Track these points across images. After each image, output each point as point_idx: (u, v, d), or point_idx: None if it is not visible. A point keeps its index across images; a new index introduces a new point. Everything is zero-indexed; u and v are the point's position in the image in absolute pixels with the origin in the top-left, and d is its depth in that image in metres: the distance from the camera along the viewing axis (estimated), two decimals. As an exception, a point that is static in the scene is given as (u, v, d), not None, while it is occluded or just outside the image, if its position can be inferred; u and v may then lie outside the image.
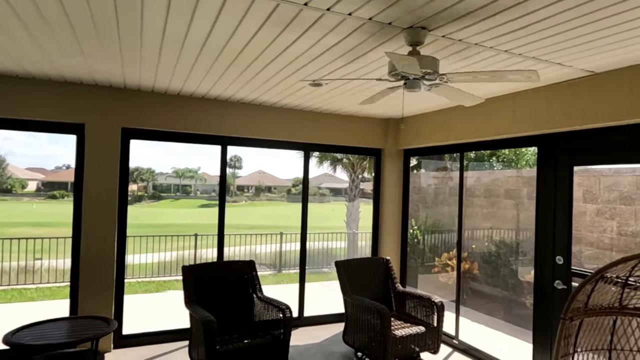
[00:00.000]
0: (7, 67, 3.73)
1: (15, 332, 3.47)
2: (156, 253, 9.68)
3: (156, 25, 2.61)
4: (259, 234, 11.06)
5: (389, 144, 5.76)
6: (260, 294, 4.39)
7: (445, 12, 2.28)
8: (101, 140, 4.34)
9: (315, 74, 3.55)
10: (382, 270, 4.97)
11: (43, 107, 4.13)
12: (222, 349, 3.57)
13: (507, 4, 2.16)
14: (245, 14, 2.40)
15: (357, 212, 12.65)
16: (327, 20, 2.44)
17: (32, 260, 9.16)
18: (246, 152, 62.94)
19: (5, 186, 37.21)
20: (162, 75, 3.78)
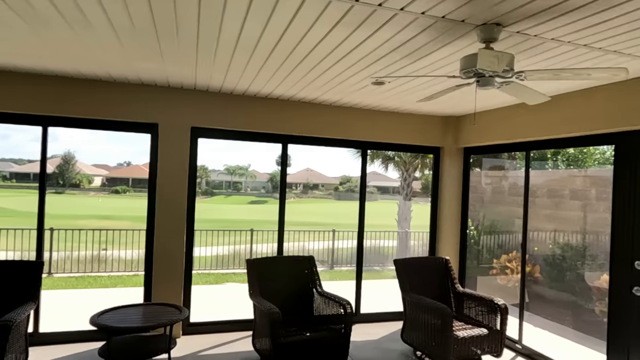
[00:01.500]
0: (93, 72, 4.06)
1: (100, 315, 3.79)
2: (214, 247, 10.09)
3: (233, 30, 2.75)
4: (310, 231, 11.22)
5: (448, 142, 5.66)
6: (320, 289, 4.49)
7: (523, 8, 2.24)
8: (173, 139, 4.62)
9: (380, 72, 3.58)
10: (442, 270, 4.91)
11: (121, 108, 4.46)
12: (285, 340, 3.70)
13: None
14: (319, 16, 2.47)
15: (409, 210, 12.49)
16: (399, 19, 2.47)
17: (99, 250, 9.89)
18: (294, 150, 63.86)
19: (74, 181, 40.13)
20: (231, 76, 3.96)
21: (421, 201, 26.80)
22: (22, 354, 3.50)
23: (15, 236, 8.82)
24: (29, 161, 43.66)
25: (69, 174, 39.10)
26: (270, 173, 47.77)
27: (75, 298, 6.91)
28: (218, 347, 4.48)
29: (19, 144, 56.03)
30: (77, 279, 8.66)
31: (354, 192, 42.01)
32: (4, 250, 8.76)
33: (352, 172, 47.64)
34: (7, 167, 41.90)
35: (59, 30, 2.86)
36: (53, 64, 3.81)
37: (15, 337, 3.24)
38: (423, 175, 19.82)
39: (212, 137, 4.92)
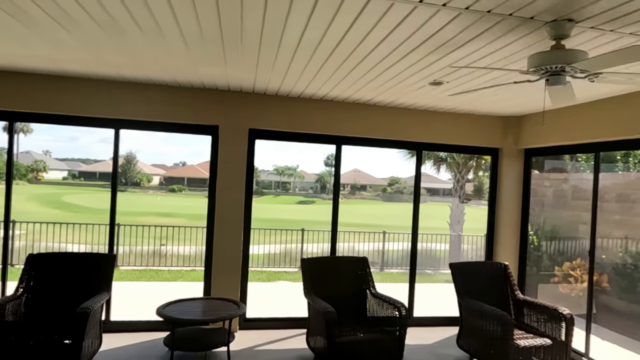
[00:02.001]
0: (161, 78, 4.31)
1: (165, 307, 4.01)
2: (265, 245, 10.34)
3: (294, 35, 2.82)
4: (360, 232, 11.20)
5: (508, 143, 5.45)
6: (374, 290, 4.48)
7: (600, 2, 2.12)
8: (232, 140, 4.80)
9: (439, 72, 3.52)
10: (500, 276, 4.73)
11: (185, 111, 4.69)
12: (340, 340, 3.73)
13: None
14: (381, 17, 2.48)
15: (461, 213, 12.13)
16: (462, 19, 2.42)
17: (159, 245, 10.44)
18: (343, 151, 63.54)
19: (135, 180, 42.58)
20: (289, 79, 4.06)
21: (473, 204, 25.88)
22: (97, 339, 3.78)
23: (87, 231, 9.53)
24: (95, 161, 46.93)
25: (131, 173, 41.52)
26: (318, 173, 48.11)
27: (140, 290, 7.35)
28: (273, 343, 4.60)
29: (86, 145, 60.54)
30: (140, 272, 9.21)
31: (403, 193, 41.34)
32: (76, 243, 9.49)
33: (400, 173, 46.91)
34: (75, 167, 45.23)
35: (135, 40, 3.07)
36: (127, 72, 4.09)
37: (91, 323, 3.51)
38: (476, 177, 19.13)
39: (269, 139, 5.06)
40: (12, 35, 3.13)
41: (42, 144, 63.24)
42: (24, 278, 3.83)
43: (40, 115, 4.49)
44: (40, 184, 37.11)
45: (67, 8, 2.54)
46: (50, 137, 59.95)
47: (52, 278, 3.93)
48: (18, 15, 2.71)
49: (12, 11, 2.64)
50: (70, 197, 30.94)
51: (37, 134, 51.41)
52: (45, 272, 3.92)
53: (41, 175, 38.73)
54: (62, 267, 4.00)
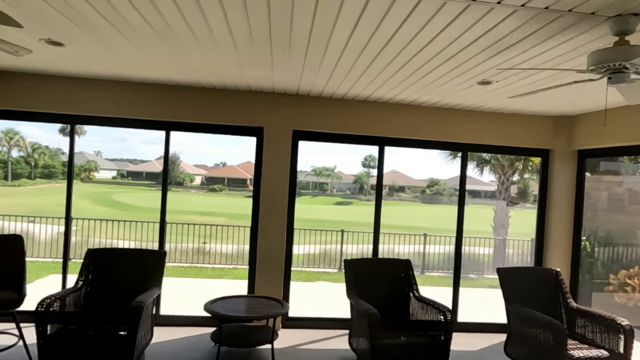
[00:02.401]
0: (209, 81, 4.45)
1: (211, 303, 4.14)
2: (304, 245, 10.43)
3: (342, 36, 2.84)
4: (401, 234, 11.06)
5: (559, 144, 5.22)
6: (418, 293, 4.42)
7: (671, -6, 2.00)
8: (276, 142, 4.88)
9: (489, 71, 3.43)
10: (551, 283, 4.53)
11: (232, 114, 4.82)
12: (384, 342, 3.70)
13: None
14: (432, 17, 2.45)
15: (506, 217, 11.71)
16: (518, 15, 2.35)
17: (200, 244, 10.76)
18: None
19: (178, 180, 44.11)
20: (334, 80, 4.08)
21: (517, 207, 24.88)
22: (149, 332, 3.95)
23: (135, 228, 9.98)
24: (141, 161, 49.01)
25: (174, 173, 43.06)
26: (356, 174, 47.88)
27: (185, 286, 7.61)
28: (315, 343, 4.63)
29: (133, 146, 63.43)
30: (185, 269, 9.54)
31: (442, 195, 40.40)
32: (126, 240, 9.96)
33: (440, 174, 45.85)
34: (124, 167, 47.44)
35: (187, 44, 3.20)
36: (178, 76, 4.26)
37: (144, 316, 3.67)
38: (521, 180, 18.42)
39: (312, 140, 5.10)
40: (78, 43, 3.33)
41: (94, 145, 66.86)
42: (83, 271, 4.06)
43: (97, 118, 4.76)
44: (92, 182, 39.21)
45: (125, 14, 2.68)
46: (101, 138, 63.30)
47: (108, 272, 4.14)
48: (83, 24, 2.89)
49: (81, 22, 2.82)
50: (119, 196, 32.48)
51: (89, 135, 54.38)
52: (102, 266, 4.14)
53: (93, 175, 40.92)
54: (118, 261, 4.21)
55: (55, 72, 4.43)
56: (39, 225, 10.53)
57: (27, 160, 36.20)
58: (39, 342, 3.31)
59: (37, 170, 36.35)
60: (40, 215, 11.56)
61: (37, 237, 9.98)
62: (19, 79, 4.51)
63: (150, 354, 4.06)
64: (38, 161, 36.43)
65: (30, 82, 4.52)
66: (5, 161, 34.78)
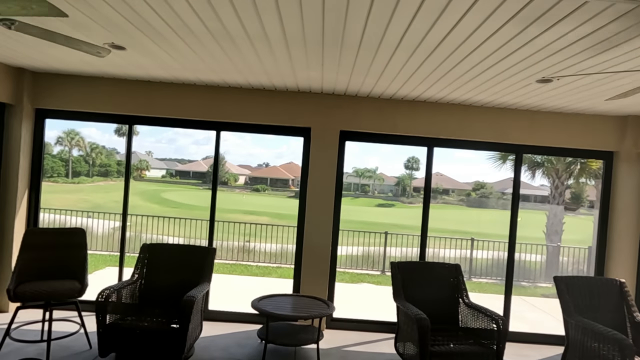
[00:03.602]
0: (259, 82, 4.53)
1: (259, 300, 4.20)
2: (348, 247, 10.40)
3: (396, 34, 2.78)
4: (447, 238, 10.78)
5: (626, 146, 4.87)
6: (468, 299, 4.27)
7: None
8: (323, 142, 4.88)
9: (549, 69, 3.25)
10: (615, 294, 4.24)
11: (280, 114, 4.88)
12: (434, 349, 3.60)
13: None
14: (491, 14, 2.35)
15: (560, 223, 11.11)
16: (586, 9, 2.20)
17: (244, 242, 10.97)
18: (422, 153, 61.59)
19: (223, 179, 45.35)
20: (383, 80, 4.03)
21: (570, 213, 23.51)
22: (199, 326, 4.07)
23: (184, 225, 10.35)
24: (189, 161, 50.80)
25: (220, 172, 44.40)
26: (398, 177, 47.18)
27: (232, 283, 7.80)
28: (360, 345, 4.59)
29: (182, 146, 65.97)
30: (231, 266, 9.78)
31: (488, 198, 38.97)
32: (175, 236, 10.35)
33: (486, 178, 44.25)
34: (173, 166, 49.42)
35: (241, 46, 3.26)
36: (231, 77, 4.36)
37: (195, 310, 3.78)
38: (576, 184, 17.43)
39: (359, 140, 5.07)
40: (139, 46, 3.49)
41: (145, 145, 70.18)
42: (138, 265, 4.26)
43: (153, 118, 4.97)
44: (143, 181, 41.13)
45: (184, 17, 2.77)
46: (152, 139, 66.31)
47: (161, 266, 4.31)
48: (144, 28, 3.02)
49: (143, 26, 2.95)
50: (168, 194, 33.88)
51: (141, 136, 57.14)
52: (156, 261, 4.32)
53: (144, 174, 42.92)
54: (171, 256, 4.37)
55: (115, 75, 4.67)
56: (96, 220, 11.16)
57: (85, 159, 38.59)
58: (98, 331, 3.50)
59: (94, 168, 38.66)
60: (97, 211, 12.26)
61: (95, 231, 10.58)
62: (81, 81, 4.79)
63: (200, 347, 4.18)
64: (95, 160, 38.75)
65: (90, 84, 4.80)
66: (67, 159, 37.22)
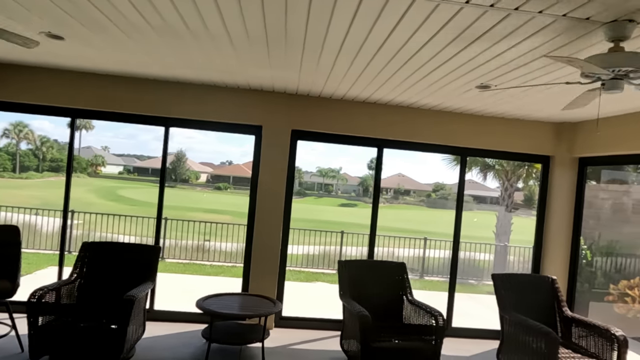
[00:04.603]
0: (210, 78, 4.47)
1: (204, 300, 4.15)
2: (305, 246, 10.43)
3: (338, 36, 2.83)
4: (401, 237, 11.03)
5: (560, 151, 5.17)
6: (411, 297, 4.40)
7: (666, 0, 1.97)
8: (274, 140, 4.88)
9: (487, 76, 3.41)
10: (547, 291, 4.49)
11: (231, 111, 4.84)
12: (375, 345, 3.68)
13: None
14: (425, 20, 2.44)
15: (509, 223, 11.63)
16: (511, 20, 2.33)
17: (203, 241, 10.79)
18: (386, 155, 62.79)
19: (184, 177, 44.31)
20: (332, 81, 4.08)
21: (522, 214, 24.67)
22: (141, 326, 3.97)
23: (137, 223, 10.04)
24: (148, 157, 49.29)
25: (180, 170, 43.27)
26: (361, 177, 47.79)
27: (184, 282, 7.64)
28: (307, 343, 4.62)
29: (143, 142, 63.81)
30: (184, 265, 9.58)
31: (447, 200, 40.21)
32: (127, 234, 10.02)
33: (445, 179, 45.64)
34: (131, 162, 47.78)
35: (187, 43, 3.21)
36: (179, 72, 4.28)
37: (136, 310, 3.68)
38: (527, 186, 18.28)
39: (311, 140, 5.10)
40: (79, 37, 3.36)
41: (103, 140, 67.42)
42: (77, 264, 4.09)
43: (98, 112, 4.79)
44: (99, 177, 39.52)
45: (123, 11, 2.70)
46: (111, 133, 63.63)
47: (103, 265, 4.17)
48: (82, 19, 2.91)
49: (81, 18, 2.84)
50: (124, 191, 32.71)
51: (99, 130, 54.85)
52: (97, 260, 4.17)
53: (99, 170, 41.25)
54: (113, 255, 4.23)
55: (56, 66, 4.47)
56: (44, 218, 10.63)
57: (35, 154, 36.60)
58: (29, 333, 3.34)
59: (45, 163, 36.71)
60: (43, 208, 11.67)
61: (40, 230, 10.07)
62: (21, 72, 4.55)
63: (142, 348, 4.07)
64: (46, 154, 36.81)
65: (32, 74, 4.57)
66: (14, 153, 35.16)
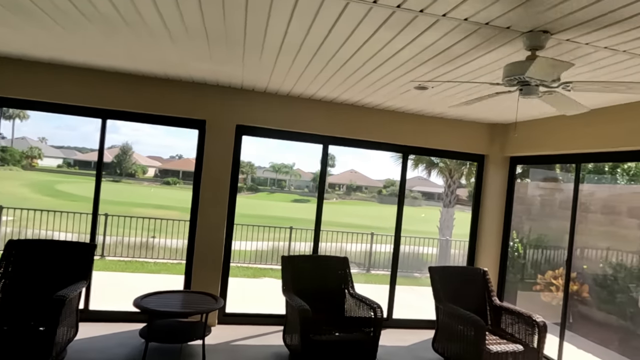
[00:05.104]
0: (151, 70, 4.32)
1: (142, 298, 4.03)
2: (254, 242, 10.37)
3: (277, 34, 2.84)
4: (349, 232, 11.23)
5: (494, 150, 5.50)
6: (353, 290, 4.51)
7: (573, 15, 2.16)
8: (218, 135, 4.82)
9: (423, 77, 3.55)
10: (479, 282, 4.78)
11: (174, 105, 4.71)
12: (315, 338, 3.76)
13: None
14: (361, 21, 2.51)
15: (451, 218, 12.19)
16: (441, 25, 2.45)
17: (148, 237, 10.43)
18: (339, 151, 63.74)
19: (130, 171, 42.45)
20: (276, 77, 4.08)
21: (467, 209, 25.96)
22: (73, 327, 3.79)
23: (75, 219, 9.52)
24: (92, 150, 46.71)
25: (126, 164, 41.40)
26: (315, 172, 48.03)
27: (124, 281, 7.36)
28: (250, 339, 4.62)
29: (85, 134, 60.26)
30: (126, 263, 9.21)
31: (397, 196, 41.35)
32: (63, 231, 9.47)
33: (396, 176, 46.96)
34: (71, 155, 45.06)
35: (124, 33, 3.09)
36: (117, 61, 4.10)
37: (67, 311, 3.52)
38: (469, 183, 19.16)
39: (256, 135, 5.07)
40: (4, 23, 3.14)
41: (40, 130, 62.97)
42: (2, 264, 3.83)
43: (28, 101, 4.49)
44: (35, 170, 36.93)
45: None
46: (50, 124, 59.53)
47: (31, 265, 3.93)
48: (8, 5, 2.72)
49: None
50: (63, 185, 30.79)
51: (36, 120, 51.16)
52: (24, 259, 3.93)
53: (35, 162, 38.54)
54: (42, 254, 4.00)
55: (-21, 51, 4.14)
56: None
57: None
58: (-56, 338, 3.10)
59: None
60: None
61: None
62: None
63: (74, 350, 3.90)
64: (-28, 145, 33.86)
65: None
66: None
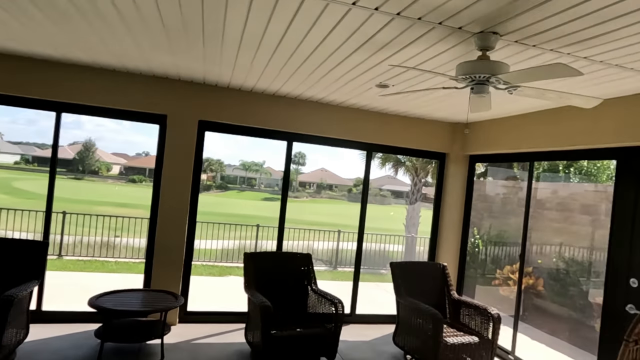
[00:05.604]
0: (109, 62, 4.19)
1: (98, 297, 3.91)
2: (221, 240, 10.24)
3: (236, 29, 2.82)
4: (317, 230, 11.27)
5: (454, 149, 5.65)
6: (315, 287, 4.54)
7: (520, 16, 2.24)
8: (180, 131, 4.73)
9: (382, 76, 3.61)
10: (438, 276, 4.91)
11: (133, 99, 4.59)
12: (276, 334, 3.76)
13: (592, 8, 2.07)
14: (318, 18, 2.52)
15: (417, 216, 12.44)
16: (397, 23, 2.50)
17: (113, 236, 10.12)
18: (310, 150, 63.75)
19: (93, 168, 40.99)
20: (238, 73, 4.05)
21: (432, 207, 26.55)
22: (23, 329, 3.64)
23: (30, 218, 9.10)
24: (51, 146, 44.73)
25: (89, 160, 39.97)
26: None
27: (81, 281, 7.11)
28: (212, 337, 4.57)
29: (45, 129, 57.57)
30: (85, 263, 8.89)
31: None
32: (18, 231, 9.05)
33: (366, 174, 47.34)
34: (30, 151, 43.07)
35: (75, 21, 2.98)
36: (72, 53, 3.94)
37: (16, 312, 3.37)
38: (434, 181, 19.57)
39: (219, 131, 5.02)
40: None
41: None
42: (-56, 263, 3.63)
43: (-25, 93, 4.27)
44: (-11, 167, 35.10)
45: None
46: (6, 118, 56.44)
47: (-24, 264, 3.74)
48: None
49: None
50: (21, 183, 29.44)
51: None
52: (-31, 258, 3.73)
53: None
54: (-11, 253, 3.82)
55: None
56: None
57: None
58: None
59: None
60: None
61: None
62: None
63: (24, 352, 3.74)
64: None
65: None
66: None
